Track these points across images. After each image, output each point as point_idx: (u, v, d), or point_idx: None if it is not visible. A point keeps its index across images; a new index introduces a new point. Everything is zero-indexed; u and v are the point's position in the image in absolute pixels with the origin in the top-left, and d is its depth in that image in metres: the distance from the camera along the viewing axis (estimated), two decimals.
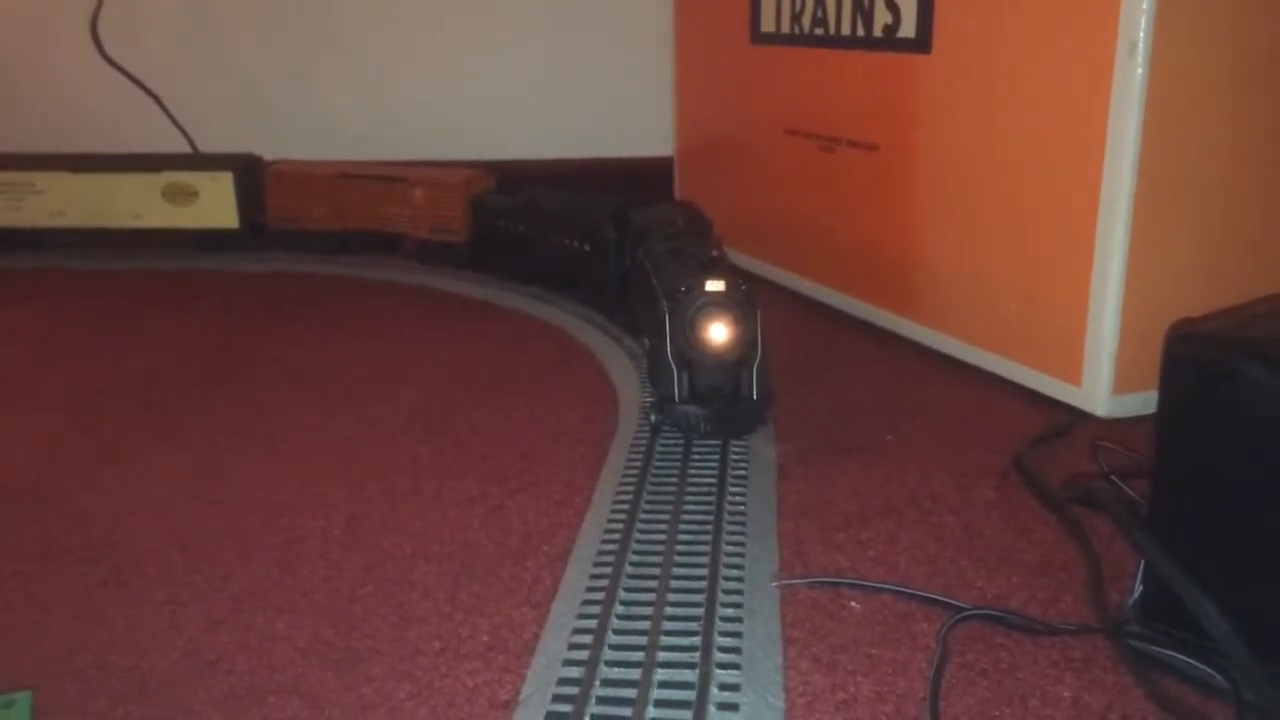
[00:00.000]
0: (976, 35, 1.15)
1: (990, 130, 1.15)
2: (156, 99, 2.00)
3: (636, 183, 1.82)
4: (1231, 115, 1.03)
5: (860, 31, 1.32)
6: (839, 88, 1.38)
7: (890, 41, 1.27)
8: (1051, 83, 1.07)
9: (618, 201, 1.41)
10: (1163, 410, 0.68)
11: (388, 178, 1.79)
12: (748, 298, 0.98)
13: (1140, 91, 0.98)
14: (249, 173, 1.87)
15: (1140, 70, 0.98)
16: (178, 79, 2.04)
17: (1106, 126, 1.01)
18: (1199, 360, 0.66)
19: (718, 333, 0.97)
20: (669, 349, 0.99)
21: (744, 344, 0.98)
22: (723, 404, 0.98)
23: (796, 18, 1.44)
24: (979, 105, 1.16)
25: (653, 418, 1.02)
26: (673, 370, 0.99)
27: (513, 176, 1.80)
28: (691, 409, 0.98)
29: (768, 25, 1.50)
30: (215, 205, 1.85)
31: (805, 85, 1.45)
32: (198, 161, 1.89)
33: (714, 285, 0.97)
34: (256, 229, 1.88)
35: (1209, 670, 0.65)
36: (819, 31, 1.40)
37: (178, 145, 2.01)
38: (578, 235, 1.47)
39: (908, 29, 1.24)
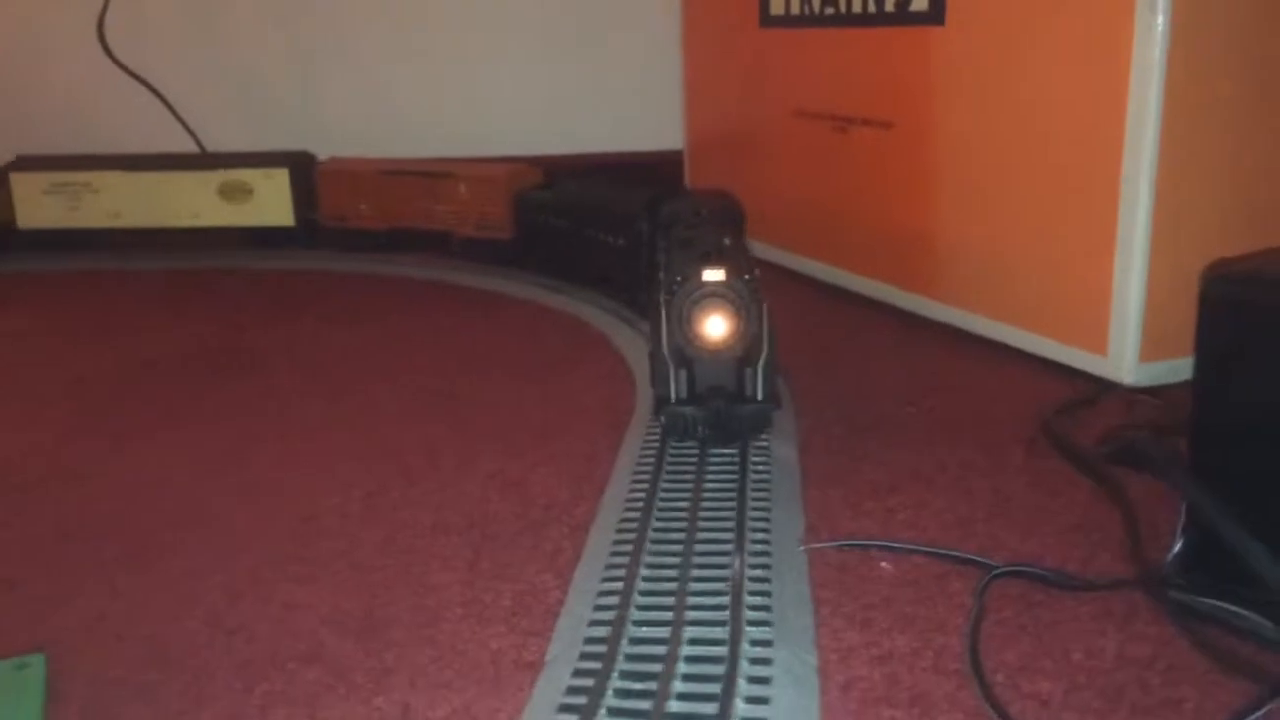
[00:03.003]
0: (991, 3, 1.14)
1: (1008, 99, 1.14)
2: (163, 99, 2.00)
3: (644, 178, 1.81)
4: (1259, 70, 1.01)
5: (872, 8, 1.31)
6: (851, 66, 1.37)
7: (903, 15, 1.25)
8: (1070, 47, 1.06)
9: (652, 193, 1.36)
10: (1201, 353, 0.66)
11: (433, 173, 1.76)
12: (751, 289, 0.89)
13: (1162, 51, 0.97)
14: (303, 169, 1.85)
15: (1161, 27, 0.96)
16: (184, 79, 2.04)
17: (1128, 88, 1.00)
18: (1237, 299, 0.64)
19: (715, 326, 0.89)
20: (665, 345, 0.91)
21: (746, 339, 0.89)
22: (722, 405, 0.89)
23: None
24: (996, 74, 1.15)
25: (663, 420, 0.93)
26: (669, 368, 0.91)
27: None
28: (688, 410, 0.90)
29: (777, 8, 1.49)
30: (271, 202, 1.84)
31: (816, 66, 1.44)
32: (252, 159, 1.87)
33: (712, 274, 0.88)
34: (310, 227, 1.86)
35: (1257, 618, 0.63)
36: (829, 10, 1.38)
37: (184, 146, 2.00)
38: (612, 229, 1.42)
39: (920, 1, 1.22)
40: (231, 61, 2.09)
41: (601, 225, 1.45)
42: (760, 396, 0.90)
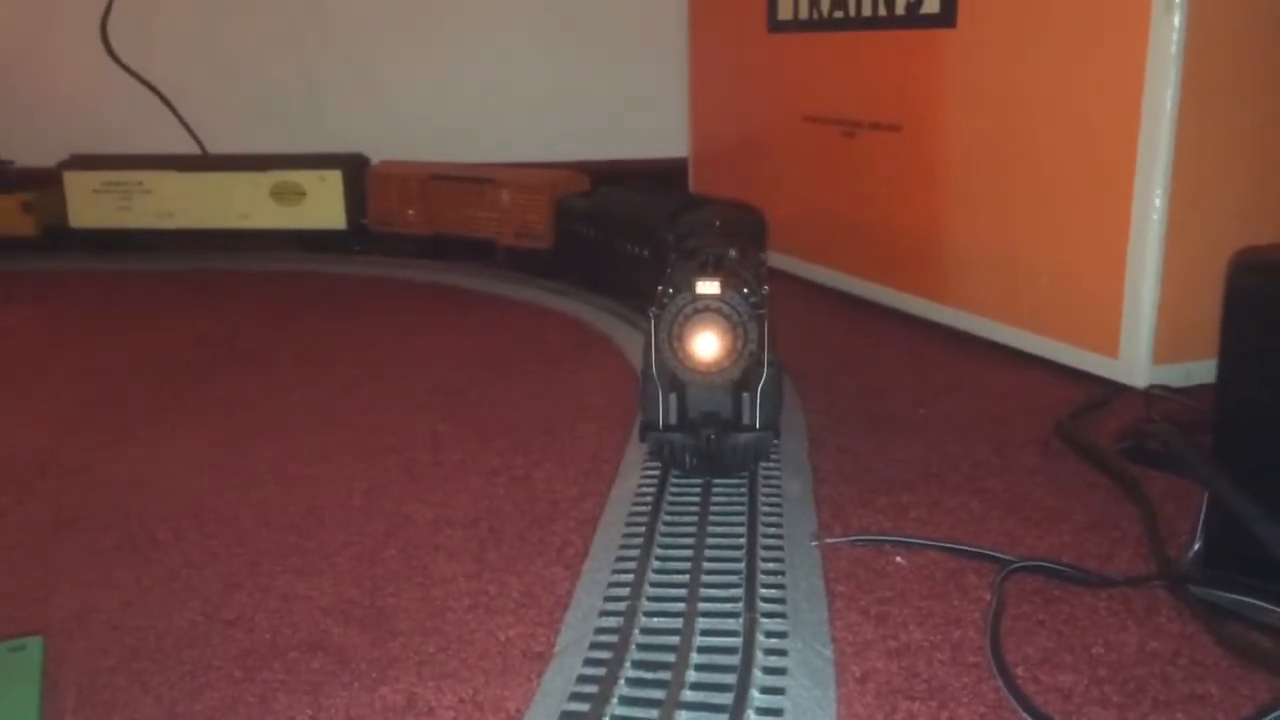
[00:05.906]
0: (1004, 4, 1.13)
1: (1020, 99, 1.13)
2: (166, 101, 1.99)
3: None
4: (1277, 70, 1.00)
5: (882, 10, 1.30)
6: (860, 70, 1.36)
7: (914, 18, 1.25)
8: (1084, 47, 1.05)
9: (679, 203, 1.31)
10: (1227, 343, 0.65)
11: (477, 179, 1.73)
12: (750, 304, 0.79)
13: (1178, 50, 0.96)
14: (356, 172, 1.83)
15: (1178, 26, 0.95)
16: (187, 81, 2.03)
17: (1143, 88, 0.99)
18: (1266, 290, 0.63)
19: (706, 345, 0.79)
20: (654, 365, 0.82)
21: (742, 360, 0.79)
22: (713, 434, 0.80)
23: (815, 2, 1.42)
24: (1007, 75, 1.14)
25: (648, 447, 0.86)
26: (658, 391, 0.82)
27: None
28: (676, 438, 0.81)
29: (785, 13, 1.49)
30: (323, 205, 1.82)
31: (824, 70, 1.43)
32: (305, 160, 1.85)
33: (706, 287, 0.78)
34: (360, 232, 1.84)
35: None
36: (839, 14, 1.38)
37: (186, 148, 1.99)
38: (638, 239, 1.38)
39: (931, 4, 1.22)
40: (235, 64, 2.08)
41: (629, 236, 1.41)
42: (758, 425, 0.81)
